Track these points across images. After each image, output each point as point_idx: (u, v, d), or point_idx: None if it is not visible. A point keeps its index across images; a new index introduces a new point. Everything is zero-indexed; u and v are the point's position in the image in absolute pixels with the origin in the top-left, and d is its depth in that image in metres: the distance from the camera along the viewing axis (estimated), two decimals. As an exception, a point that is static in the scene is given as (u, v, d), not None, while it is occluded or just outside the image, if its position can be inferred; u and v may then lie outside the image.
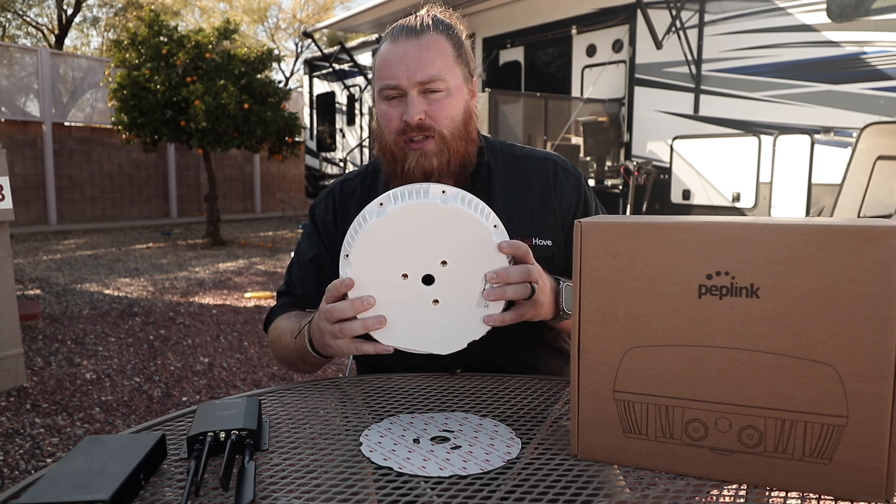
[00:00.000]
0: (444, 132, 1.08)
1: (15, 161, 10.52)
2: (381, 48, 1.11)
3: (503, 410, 0.90)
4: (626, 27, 6.94)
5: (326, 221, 1.22)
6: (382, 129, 1.11)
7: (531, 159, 1.20)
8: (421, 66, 1.05)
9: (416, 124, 1.06)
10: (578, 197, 1.19)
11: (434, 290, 0.87)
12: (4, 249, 3.12)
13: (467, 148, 1.12)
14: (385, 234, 0.85)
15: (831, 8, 5.46)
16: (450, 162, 1.10)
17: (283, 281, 1.29)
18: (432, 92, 1.06)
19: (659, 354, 0.68)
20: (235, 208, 14.28)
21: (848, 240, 0.60)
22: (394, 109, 1.08)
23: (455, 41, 1.10)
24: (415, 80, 1.05)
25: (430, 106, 1.07)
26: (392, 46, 1.08)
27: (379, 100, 1.10)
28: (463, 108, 1.10)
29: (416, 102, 1.06)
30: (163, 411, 3.00)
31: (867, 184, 4.17)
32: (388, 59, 1.07)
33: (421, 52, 1.05)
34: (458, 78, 1.09)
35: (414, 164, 1.08)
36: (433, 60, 1.06)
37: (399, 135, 1.08)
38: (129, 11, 18.46)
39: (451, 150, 1.09)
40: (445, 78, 1.06)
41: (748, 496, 0.65)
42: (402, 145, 1.09)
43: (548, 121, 6.87)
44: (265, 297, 5.56)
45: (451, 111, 1.08)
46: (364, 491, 0.68)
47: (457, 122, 1.09)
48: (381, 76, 1.08)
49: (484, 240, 0.86)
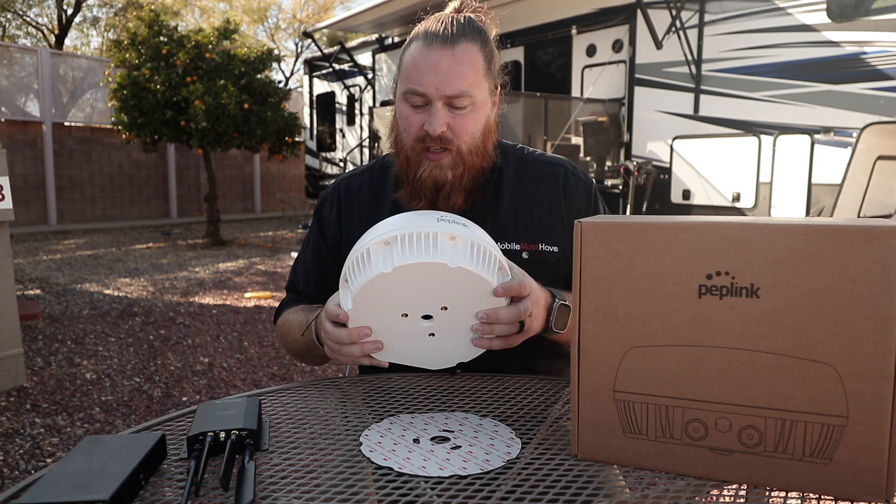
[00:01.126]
0: (463, 147, 1.06)
1: (15, 161, 10.52)
2: (410, 46, 1.08)
3: (503, 410, 0.90)
4: (626, 27, 6.94)
5: (331, 218, 1.22)
6: (401, 130, 1.10)
7: (541, 164, 1.19)
8: (451, 79, 1.02)
9: (438, 136, 1.04)
10: (588, 204, 1.18)
11: (431, 325, 0.88)
12: (4, 249, 3.12)
13: (482, 163, 1.11)
14: (388, 284, 0.83)
15: (831, 8, 5.46)
16: (463, 176, 1.08)
17: (289, 277, 1.30)
18: (457, 106, 1.05)
19: (659, 354, 0.68)
20: (235, 208, 14.28)
21: (848, 240, 0.60)
22: (416, 115, 1.06)
23: (487, 53, 1.08)
24: (443, 93, 1.03)
25: (454, 119, 1.05)
26: (424, 51, 1.04)
27: (401, 100, 1.08)
28: (484, 123, 1.09)
29: (440, 115, 1.04)
30: (163, 411, 3.00)
31: (867, 184, 4.17)
32: (419, 65, 1.04)
33: (453, 65, 1.02)
34: (484, 92, 1.07)
35: (427, 174, 1.07)
36: (464, 75, 1.03)
37: (417, 142, 1.07)
38: (129, 11, 18.47)
39: (467, 165, 1.08)
40: (473, 94, 1.04)
41: (748, 496, 0.65)
42: (419, 152, 1.07)
43: (548, 121, 6.86)
44: (265, 297, 5.56)
45: (472, 126, 1.07)
46: (364, 491, 0.67)
47: (476, 137, 1.08)
48: (407, 78, 1.05)
49: (487, 291, 0.85)
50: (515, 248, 1.11)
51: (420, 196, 1.09)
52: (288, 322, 1.15)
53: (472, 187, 1.12)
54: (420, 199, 1.09)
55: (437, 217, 0.86)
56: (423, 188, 1.08)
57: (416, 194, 1.09)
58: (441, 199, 1.09)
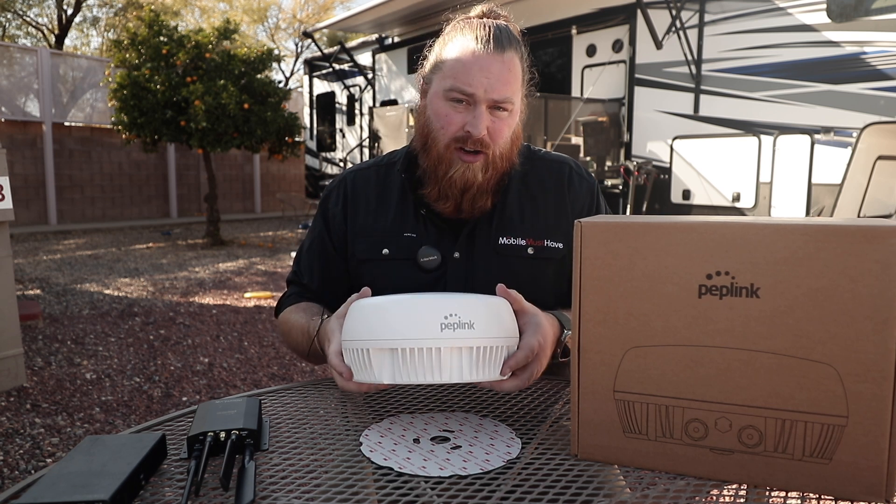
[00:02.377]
0: (497, 151, 1.08)
1: (15, 161, 10.52)
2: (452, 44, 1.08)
3: (503, 410, 0.90)
4: (626, 27, 6.94)
5: (336, 211, 1.22)
6: (435, 127, 1.09)
7: (546, 162, 1.21)
8: (500, 85, 1.04)
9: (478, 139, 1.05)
10: (591, 202, 1.20)
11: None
12: (4, 249, 3.12)
13: (507, 167, 1.13)
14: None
15: (831, 8, 5.46)
16: (491, 179, 1.10)
17: (292, 269, 1.29)
18: (499, 110, 1.06)
19: (659, 354, 0.68)
20: (235, 208, 14.28)
21: (848, 240, 0.60)
22: (458, 114, 1.06)
23: (524, 65, 1.11)
24: (490, 97, 1.04)
25: (493, 124, 1.06)
26: (474, 52, 1.05)
27: (441, 98, 1.07)
28: (514, 130, 1.11)
29: (484, 117, 1.05)
30: (163, 411, 3.00)
31: (867, 184, 4.17)
32: (469, 65, 1.04)
33: (503, 72, 1.05)
34: (520, 100, 1.10)
35: (458, 175, 1.07)
36: (510, 82, 1.06)
37: (454, 141, 1.07)
38: (129, 11, 18.47)
39: (496, 168, 1.10)
40: (514, 101, 1.07)
41: (748, 496, 0.65)
42: (453, 151, 1.08)
43: (548, 121, 6.86)
44: (265, 296, 5.56)
45: (507, 132, 1.09)
46: (364, 491, 0.68)
47: (507, 142, 1.10)
48: (454, 77, 1.05)
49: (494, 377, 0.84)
50: (521, 243, 1.12)
51: (447, 196, 1.10)
52: (290, 323, 1.16)
53: (496, 190, 1.13)
54: (447, 200, 1.10)
55: (443, 315, 0.79)
56: (451, 189, 1.08)
57: (444, 194, 1.10)
58: (466, 201, 1.10)
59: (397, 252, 1.13)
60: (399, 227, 1.14)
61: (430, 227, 1.13)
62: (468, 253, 1.12)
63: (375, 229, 1.16)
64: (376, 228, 1.16)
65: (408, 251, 1.12)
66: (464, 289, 1.10)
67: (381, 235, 1.15)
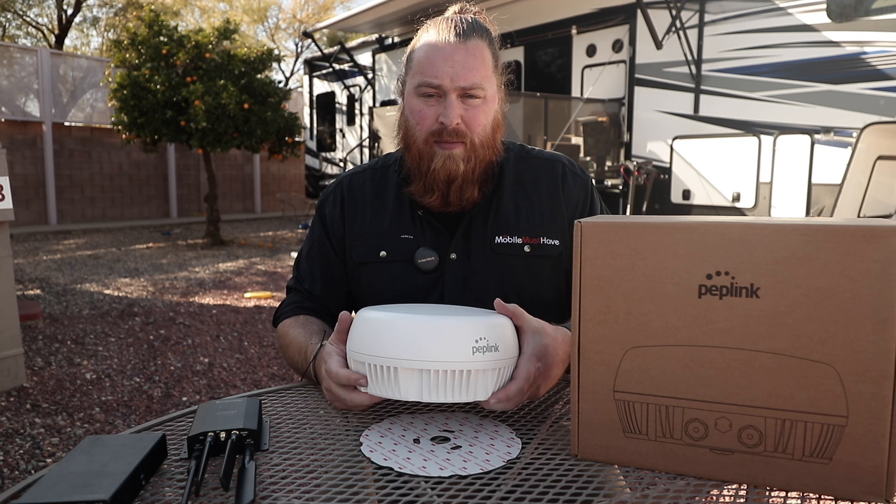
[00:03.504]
0: (476, 140, 1.08)
1: (15, 161, 10.52)
2: (419, 43, 1.10)
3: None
4: (626, 27, 6.94)
5: (334, 215, 1.22)
6: (412, 125, 1.10)
7: (540, 160, 1.21)
8: (466, 71, 1.05)
9: (453, 128, 1.06)
10: (585, 199, 1.20)
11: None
12: (4, 249, 3.12)
13: (492, 156, 1.13)
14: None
15: (831, 8, 5.46)
16: (475, 169, 1.10)
17: (291, 275, 1.29)
18: (471, 97, 1.06)
19: (659, 354, 0.68)
20: (235, 208, 14.28)
21: (848, 240, 0.60)
22: (429, 108, 1.07)
23: (494, 50, 1.11)
24: (458, 84, 1.05)
25: (467, 111, 1.07)
26: (437, 45, 1.07)
27: (413, 95, 1.09)
28: (493, 117, 1.11)
29: (455, 106, 1.05)
30: (163, 411, 3.00)
31: (867, 184, 4.17)
32: (432, 58, 1.06)
33: (467, 58, 1.05)
34: (493, 87, 1.10)
35: (440, 166, 1.08)
36: (477, 68, 1.06)
37: (431, 135, 1.08)
38: (129, 11, 18.47)
39: (478, 157, 1.09)
40: (485, 87, 1.07)
41: (748, 496, 0.65)
42: (432, 145, 1.09)
43: (548, 121, 6.86)
44: (265, 297, 5.56)
45: (484, 119, 1.08)
46: (364, 491, 0.68)
47: (487, 130, 1.10)
48: (421, 72, 1.07)
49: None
50: (517, 241, 1.12)
51: (433, 190, 1.10)
52: (288, 338, 1.14)
53: (483, 180, 1.13)
54: (433, 193, 1.10)
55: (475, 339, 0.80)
56: (436, 181, 1.08)
57: (430, 188, 1.10)
58: (453, 192, 1.10)
59: (395, 254, 1.13)
60: (396, 229, 1.14)
61: (427, 228, 1.13)
62: (465, 253, 1.12)
63: (373, 232, 1.16)
64: (373, 231, 1.16)
65: (405, 253, 1.12)
66: (462, 289, 1.10)
67: (379, 238, 1.15)
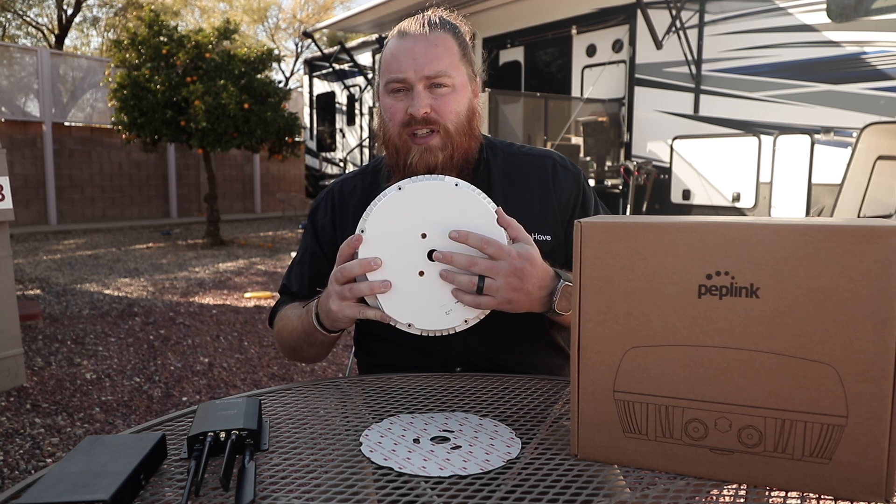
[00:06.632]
0: (449, 127, 1.09)
1: (15, 161, 10.52)
2: (387, 44, 1.13)
3: (503, 410, 0.90)
4: (626, 27, 6.94)
5: (325, 222, 1.23)
6: (386, 123, 1.12)
7: (530, 156, 1.21)
8: (429, 61, 1.06)
9: (422, 117, 1.07)
10: (577, 193, 1.20)
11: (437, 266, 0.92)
12: (4, 249, 3.12)
13: (470, 144, 1.14)
14: (399, 205, 0.91)
15: (831, 8, 5.46)
16: (453, 157, 1.11)
17: (282, 282, 1.30)
18: (438, 87, 1.08)
19: (659, 354, 0.68)
20: (235, 208, 14.28)
21: (847, 240, 0.60)
22: (399, 103, 1.09)
23: (460, 41, 1.12)
24: (422, 74, 1.07)
25: (436, 100, 1.08)
26: (400, 41, 1.09)
27: (384, 94, 1.12)
28: (467, 105, 1.12)
29: (422, 96, 1.07)
30: (163, 411, 3.00)
31: (867, 184, 4.18)
32: (396, 53, 1.08)
33: (429, 48, 1.07)
34: (462, 76, 1.11)
35: (417, 159, 1.09)
36: (441, 57, 1.07)
37: (403, 128, 1.09)
38: (129, 11, 18.47)
39: (455, 145, 1.10)
40: (451, 74, 1.08)
41: (748, 496, 0.65)
42: (406, 139, 1.10)
43: (548, 121, 6.87)
44: (265, 297, 5.56)
45: (455, 106, 1.09)
46: (364, 491, 0.68)
47: (461, 117, 1.11)
48: (387, 70, 1.10)
49: (487, 221, 0.91)
50: None
51: None
52: (286, 316, 1.16)
53: (464, 167, 1.14)
54: None
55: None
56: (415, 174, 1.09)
57: None
58: None
59: None
60: None
61: None
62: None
63: None
64: None
65: None
66: None
67: None
